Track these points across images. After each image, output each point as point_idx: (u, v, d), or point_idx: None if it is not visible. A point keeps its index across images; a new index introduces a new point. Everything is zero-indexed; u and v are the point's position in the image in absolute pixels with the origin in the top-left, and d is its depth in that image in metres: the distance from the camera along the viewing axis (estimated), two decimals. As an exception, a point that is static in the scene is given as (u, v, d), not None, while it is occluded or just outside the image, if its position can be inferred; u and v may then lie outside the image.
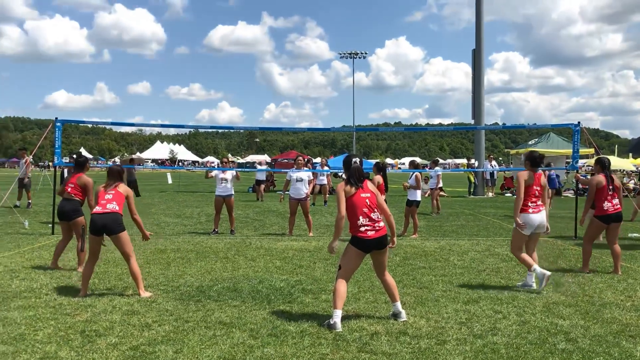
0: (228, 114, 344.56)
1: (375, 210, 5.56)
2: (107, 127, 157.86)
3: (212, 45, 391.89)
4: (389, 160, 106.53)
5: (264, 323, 5.42)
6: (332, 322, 5.23)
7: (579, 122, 12.10)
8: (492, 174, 27.26)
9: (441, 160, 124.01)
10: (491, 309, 5.99)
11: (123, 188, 6.73)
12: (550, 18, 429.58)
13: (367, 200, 5.54)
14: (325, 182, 21.04)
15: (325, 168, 22.75)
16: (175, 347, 4.71)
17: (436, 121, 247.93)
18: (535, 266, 6.89)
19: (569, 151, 20.93)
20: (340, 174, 25.38)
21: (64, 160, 13.27)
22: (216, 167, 20.02)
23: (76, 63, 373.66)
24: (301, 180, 12.03)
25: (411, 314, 5.79)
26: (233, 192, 12.25)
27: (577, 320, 5.61)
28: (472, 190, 27.00)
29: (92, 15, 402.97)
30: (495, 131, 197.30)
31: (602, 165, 8.15)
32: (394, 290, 5.63)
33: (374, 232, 5.46)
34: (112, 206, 6.47)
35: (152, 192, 28.17)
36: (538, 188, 7.06)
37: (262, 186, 22.12)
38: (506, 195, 27.38)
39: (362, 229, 5.46)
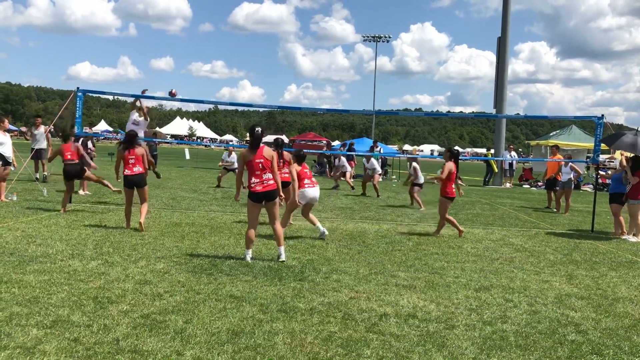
0: (249, 93, 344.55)
1: (267, 172, 7.12)
2: (128, 100, 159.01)
3: (237, 23, 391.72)
4: (407, 147, 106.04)
5: (274, 299, 5.45)
6: (244, 257, 7.09)
7: (602, 115, 11.90)
8: (510, 165, 27.00)
9: (460, 149, 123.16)
10: (502, 297, 5.97)
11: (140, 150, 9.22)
12: (579, 10, 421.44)
13: (260, 165, 7.07)
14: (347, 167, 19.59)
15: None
16: (186, 317, 4.76)
17: (458, 109, 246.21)
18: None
19: (591, 145, 20.62)
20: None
21: (85, 131, 13.37)
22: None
23: (101, 36, 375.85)
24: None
25: (421, 298, 5.79)
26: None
27: (589, 313, 5.57)
28: (486, 179, 26.79)
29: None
30: (516, 122, 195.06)
31: (452, 154, 10.13)
32: (279, 237, 7.27)
33: (261, 187, 7.07)
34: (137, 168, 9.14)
35: (169, 167, 28.39)
36: (307, 170, 9.18)
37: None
38: (524, 186, 27.14)
39: (252, 184, 7.08)
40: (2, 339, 4.07)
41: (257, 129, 7.21)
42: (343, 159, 19.80)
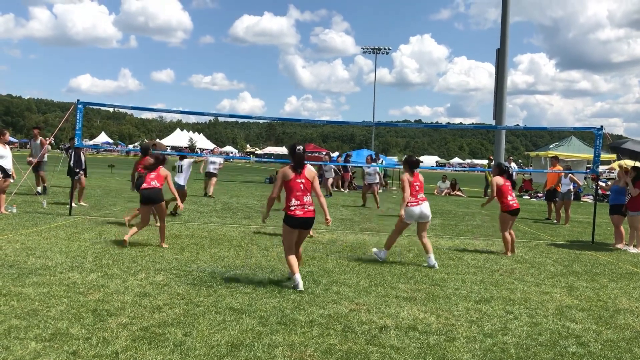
0: (249, 105, 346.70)
1: (308, 194, 6.51)
2: (128, 112, 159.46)
3: (237, 36, 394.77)
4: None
5: (273, 311, 5.43)
6: (295, 284, 6.33)
7: (601, 126, 11.92)
8: (510, 176, 26.99)
9: (460, 160, 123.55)
10: (503, 309, 5.95)
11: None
12: (578, 22, 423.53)
13: (301, 185, 6.44)
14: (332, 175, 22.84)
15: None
16: (185, 330, 4.75)
17: (457, 120, 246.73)
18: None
19: (590, 156, 20.65)
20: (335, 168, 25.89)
21: (84, 143, 13.36)
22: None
23: (102, 48, 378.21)
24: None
25: (422, 310, 5.77)
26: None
27: (590, 325, 5.55)
28: (487, 190, 26.79)
29: (120, 1, 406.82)
30: (516, 133, 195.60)
31: (501, 170, 9.80)
32: (299, 261, 6.72)
33: (301, 211, 6.40)
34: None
35: (169, 178, 28.37)
36: (418, 183, 8.31)
37: (214, 179, 18.82)
38: (524, 197, 27.13)
39: (292, 207, 6.39)
40: (0, 353, 4.06)
41: (298, 147, 6.53)
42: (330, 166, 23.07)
